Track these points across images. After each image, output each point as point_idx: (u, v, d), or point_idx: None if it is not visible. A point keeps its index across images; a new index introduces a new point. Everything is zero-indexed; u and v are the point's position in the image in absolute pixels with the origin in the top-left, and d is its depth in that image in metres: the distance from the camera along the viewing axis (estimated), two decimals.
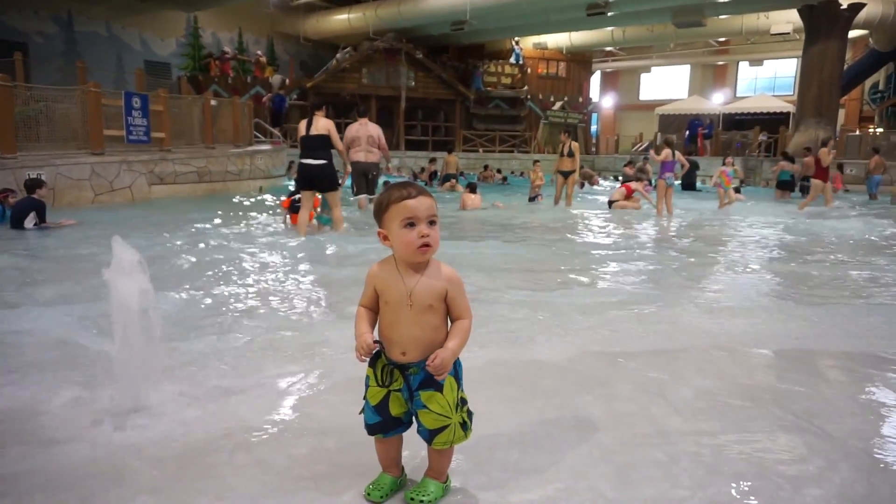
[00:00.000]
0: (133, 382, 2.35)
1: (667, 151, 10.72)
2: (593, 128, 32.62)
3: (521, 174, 22.15)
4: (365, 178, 9.05)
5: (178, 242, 6.42)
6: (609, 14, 20.60)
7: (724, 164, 12.46)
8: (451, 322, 1.72)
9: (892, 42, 23.38)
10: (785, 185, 15.61)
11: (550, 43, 28.59)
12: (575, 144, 11.49)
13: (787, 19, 22.40)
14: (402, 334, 1.68)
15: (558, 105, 27.80)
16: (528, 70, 28.58)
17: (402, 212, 1.61)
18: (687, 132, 24.23)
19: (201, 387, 2.62)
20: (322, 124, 6.91)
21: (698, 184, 17.55)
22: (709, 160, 20.70)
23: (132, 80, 15.03)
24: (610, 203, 11.92)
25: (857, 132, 24.39)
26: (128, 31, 21.75)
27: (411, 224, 1.61)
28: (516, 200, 13.18)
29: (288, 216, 7.78)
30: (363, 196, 9.28)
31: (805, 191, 15.88)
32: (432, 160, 19.31)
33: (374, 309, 1.75)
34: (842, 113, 25.78)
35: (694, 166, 14.60)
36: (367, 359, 1.70)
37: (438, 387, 1.67)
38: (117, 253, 2.23)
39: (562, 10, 21.73)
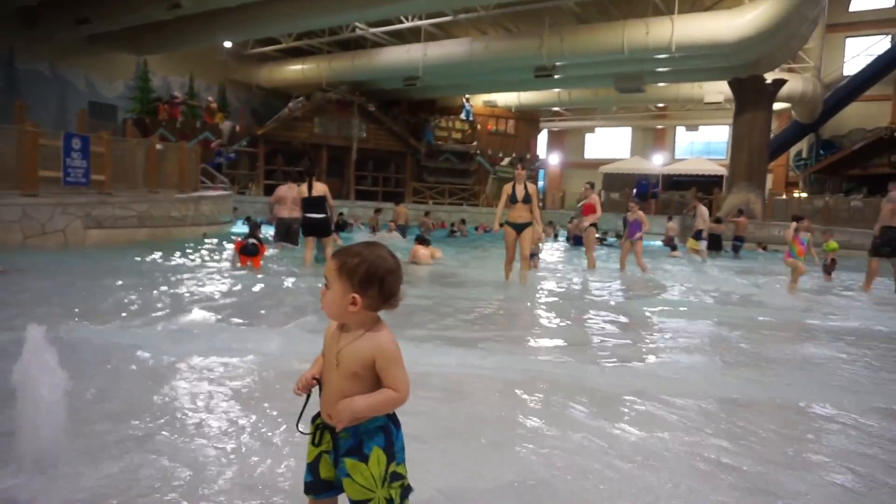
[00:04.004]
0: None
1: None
2: (540, 184, 33.58)
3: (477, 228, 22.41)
4: (287, 230, 10.55)
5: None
6: (556, 77, 21.55)
7: (795, 227, 8.85)
8: None
9: (812, 115, 25.29)
10: (712, 245, 16.12)
11: (500, 101, 29.61)
12: (533, 187, 8.39)
13: (719, 90, 23.94)
14: (328, 396, 1.64)
15: (507, 161, 28.61)
16: (478, 126, 29.42)
17: None
18: (635, 190, 25.18)
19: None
20: (320, 188, 9.13)
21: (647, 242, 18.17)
22: (651, 218, 21.51)
23: (75, 121, 14.66)
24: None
25: (784, 196, 25.98)
26: (73, 72, 21.32)
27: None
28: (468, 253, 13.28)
29: (238, 258, 8.80)
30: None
31: (737, 250, 16.73)
32: (377, 210, 19.39)
33: None
34: (770, 178, 27.45)
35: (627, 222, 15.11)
36: (303, 394, 1.68)
37: (364, 457, 1.60)
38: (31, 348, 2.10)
39: (511, 71, 22.62)
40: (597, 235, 12.64)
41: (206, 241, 11.91)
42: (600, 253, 12.87)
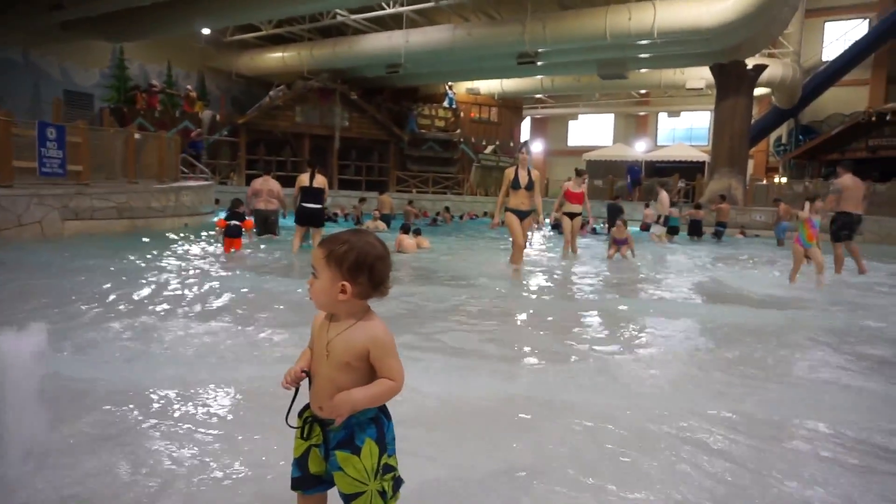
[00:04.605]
0: None
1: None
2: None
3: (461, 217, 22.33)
4: (265, 221, 11.09)
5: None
6: (538, 64, 21.47)
7: (808, 207, 8.03)
8: None
9: (791, 101, 25.51)
10: (672, 231, 16.27)
11: (483, 88, 29.47)
12: (536, 173, 8.06)
13: (701, 76, 24.04)
14: (319, 388, 1.60)
15: (490, 149, 28.52)
16: (462, 114, 29.28)
17: None
18: (629, 177, 25.23)
19: None
20: (320, 180, 9.45)
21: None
22: (633, 205, 21.61)
23: (50, 110, 14.35)
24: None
25: (764, 181, 26.24)
26: (47, 60, 20.83)
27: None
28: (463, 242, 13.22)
29: (222, 241, 9.18)
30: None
31: (719, 236, 16.87)
32: (362, 200, 19.27)
33: None
34: (751, 163, 27.69)
35: (618, 211, 15.17)
36: (291, 388, 1.63)
37: (356, 449, 1.57)
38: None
39: (493, 58, 22.49)
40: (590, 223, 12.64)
41: (185, 233, 11.72)
42: (582, 241, 12.76)
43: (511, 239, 8.49)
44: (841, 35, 27.33)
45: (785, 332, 5.09)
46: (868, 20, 27.11)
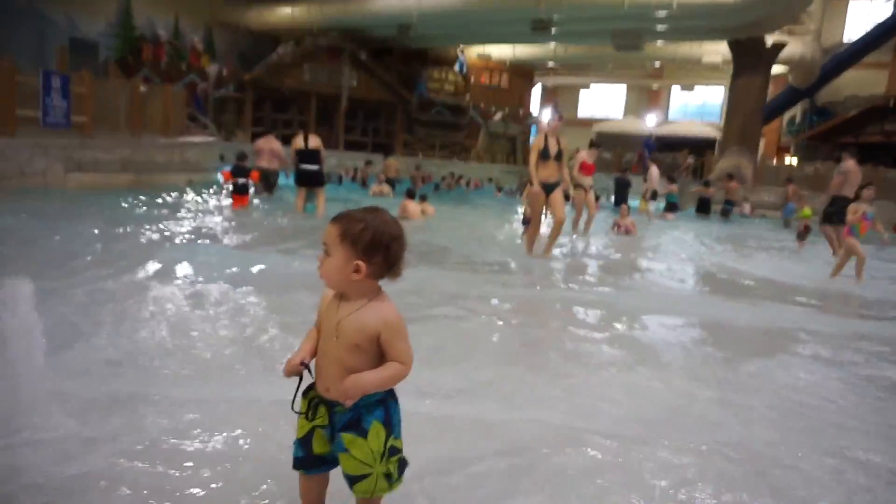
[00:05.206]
0: None
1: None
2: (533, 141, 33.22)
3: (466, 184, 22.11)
4: (266, 180, 11.42)
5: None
6: (552, 31, 21.01)
7: (858, 198, 7.38)
8: None
9: (808, 80, 25.01)
10: (670, 207, 16.16)
11: (494, 54, 28.93)
12: (564, 142, 7.39)
13: (717, 50, 23.55)
14: (326, 369, 1.56)
15: (499, 115, 28.14)
16: (472, 79, 28.80)
17: None
18: (646, 151, 24.97)
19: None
20: (315, 142, 9.62)
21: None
22: (639, 178, 21.39)
23: (54, 59, 14.08)
24: None
25: (775, 162, 25.94)
26: (53, 7, 20.40)
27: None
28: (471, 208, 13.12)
29: (231, 198, 9.69)
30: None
31: (726, 214, 16.74)
32: (368, 162, 19.08)
33: None
34: (762, 142, 27.32)
35: (626, 185, 15.00)
36: (293, 377, 1.58)
37: (363, 431, 1.54)
38: None
39: (507, 24, 21.99)
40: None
41: (191, 190, 11.62)
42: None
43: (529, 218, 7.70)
44: (865, 15, 26.63)
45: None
46: (894, 1, 26.38)
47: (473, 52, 28.92)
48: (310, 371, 1.60)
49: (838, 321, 5.33)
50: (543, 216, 7.53)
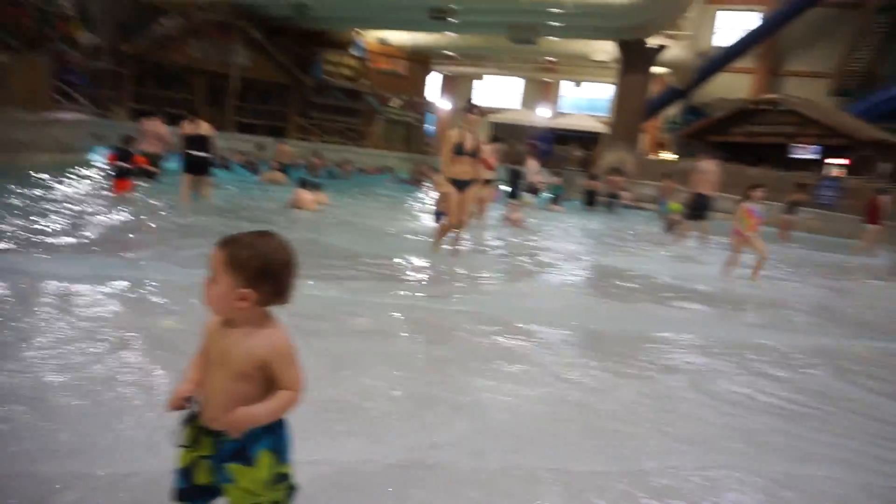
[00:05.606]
0: None
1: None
2: (430, 129, 33.36)
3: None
4: (154, 165, 11.13)
5: None
6: (450, 20, 21.15)
7: (746, 196, 7.33)
8: None
9: (686, 81, 26.96)
10: (556, 200, 16.79)
11: (393, 39, 28.68)
12: (482, 137, 7.13)
13: (605, 49, 24.77)
14: (213, 398, 1.49)
15: (397, 102, 28.01)
16: (370, 64, 28.40)
17: None
18: (543, 144, 25.62)
19: None
20: (205, 127, 9.27)
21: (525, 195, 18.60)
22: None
23: None
24: None
25: (654, 157, 27.78)
26: None
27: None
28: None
29: (112, 182, 9.27)
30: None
31: (611, 207, 17.71)
32: (261, 147, 18.31)
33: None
34: (642, 138, 29.12)
35: (516, 175, 15.34)
36: (175, 411, 1.50)
37: (249, 461, 1.48)
38: None
39: (406, 10, 21.89)
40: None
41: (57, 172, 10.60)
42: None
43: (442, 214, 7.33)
44: (732, 24, 28.93)
45: None
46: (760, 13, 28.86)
47: (372, 37, 28.51)
48: (195, 405, 1.53)
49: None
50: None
